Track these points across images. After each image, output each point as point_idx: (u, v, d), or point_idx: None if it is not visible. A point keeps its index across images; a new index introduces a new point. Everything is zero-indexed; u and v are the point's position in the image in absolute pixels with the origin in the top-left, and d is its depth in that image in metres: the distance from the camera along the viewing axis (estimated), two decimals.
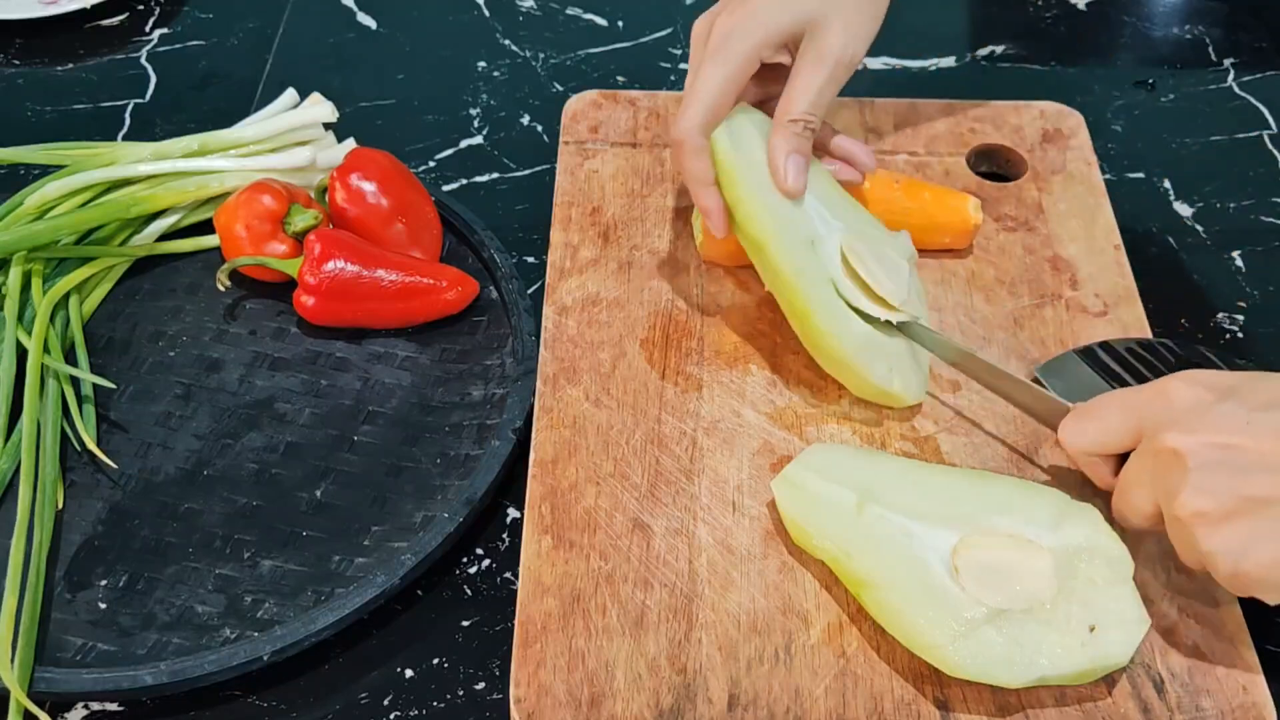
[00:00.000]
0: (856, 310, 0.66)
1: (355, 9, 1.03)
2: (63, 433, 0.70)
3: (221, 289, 0.76)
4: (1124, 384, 0.69)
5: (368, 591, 0.62)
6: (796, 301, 0.66)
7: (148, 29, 1.01)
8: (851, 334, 0.65)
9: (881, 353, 0.66)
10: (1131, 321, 0.73)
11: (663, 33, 1.01)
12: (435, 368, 0.75)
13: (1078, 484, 0.65)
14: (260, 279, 0.78)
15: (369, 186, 0.77)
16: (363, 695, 0.62)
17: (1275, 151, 0.91)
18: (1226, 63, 0.98)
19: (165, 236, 0.81)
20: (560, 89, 0.95)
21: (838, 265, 0.66)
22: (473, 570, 0.67)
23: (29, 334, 0.72)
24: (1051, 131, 0.83)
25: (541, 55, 0.99)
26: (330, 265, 0.74)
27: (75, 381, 0.72)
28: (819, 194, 0.68)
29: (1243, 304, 0.80)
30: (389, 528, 0.67)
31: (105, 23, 1.01)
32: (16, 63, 0.97)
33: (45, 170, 0.84)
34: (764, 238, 0.65)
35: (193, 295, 0.79)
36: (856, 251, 0.66)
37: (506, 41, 1.00)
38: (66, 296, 0.76)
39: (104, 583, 0.65)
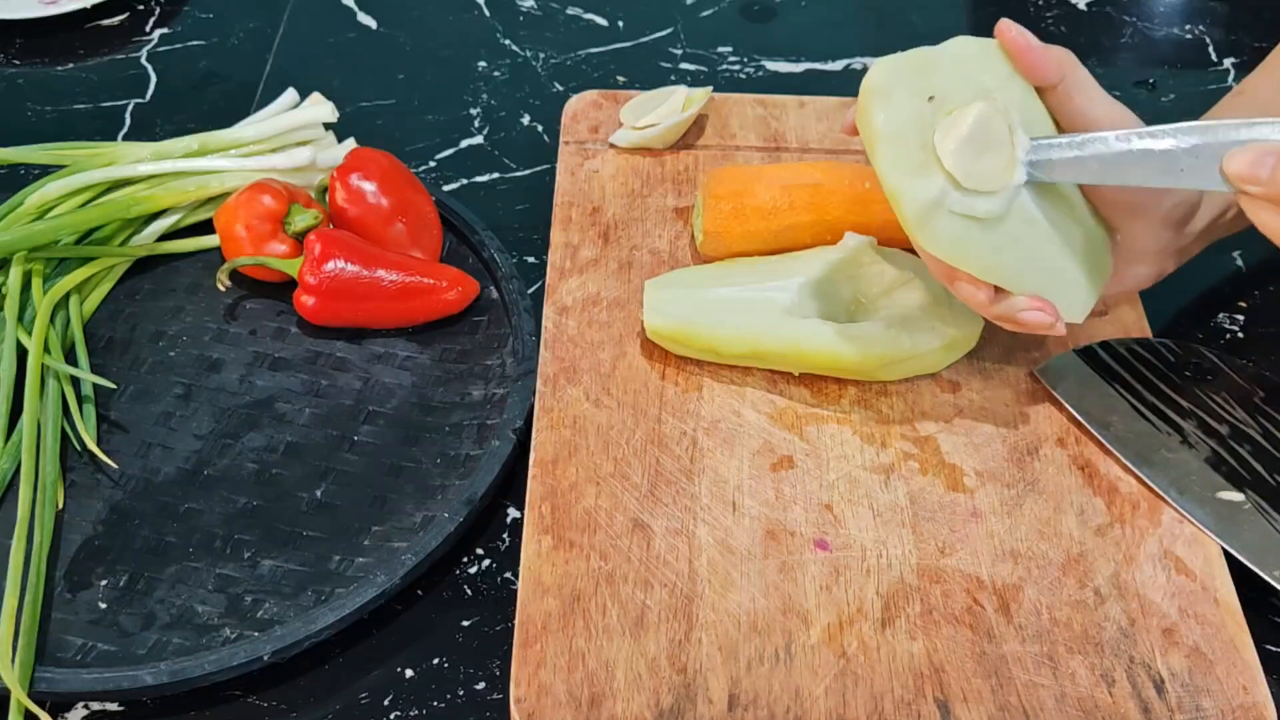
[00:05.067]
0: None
1: (355, 9, 1.03)
2: (63, 433, 0.70)
3: (221, 289, 0.76)
4: (1124, 384, 0.69)
5: (368, 591, 0.62)
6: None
7: (148, 29, 1.01)
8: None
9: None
10: (1131, 321, 0.73)
11: (663, 33, 1.01)
12: (435, 368, 0.75)
13: (1077, 486, 0.65)
14: (260, 279, 0.78)
15: (369, 186, 0.77)
16: (363, 695, 0.62)
17: None
18: (1226, 63, 0.98)
19: (165, 236, 0.81)
20: (560, 89, 0.95)
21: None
22: (473, 570, 0.67)
23: (29, 334, 0.72)
24: None
25: (541, 55, 0.99)
26: (330, 265, 0.74)
27: (75, 381, 0.72)
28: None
29: (1243, 304, 0.80)
30: (389, 528, 0.67)
31: (105, 23, 1.01)
32: (16, 63, 0.97)
33: (45, 170, 0.84)
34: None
35: (193, 295, 0.79)
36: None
37: (506, 41, 1.00)
38: (67, 296, 0.76)
39: (104, 583, 0.65)
